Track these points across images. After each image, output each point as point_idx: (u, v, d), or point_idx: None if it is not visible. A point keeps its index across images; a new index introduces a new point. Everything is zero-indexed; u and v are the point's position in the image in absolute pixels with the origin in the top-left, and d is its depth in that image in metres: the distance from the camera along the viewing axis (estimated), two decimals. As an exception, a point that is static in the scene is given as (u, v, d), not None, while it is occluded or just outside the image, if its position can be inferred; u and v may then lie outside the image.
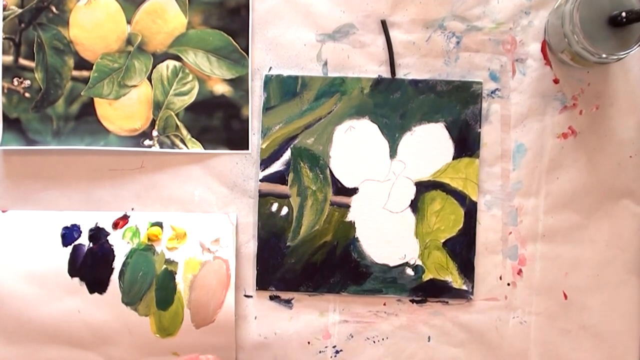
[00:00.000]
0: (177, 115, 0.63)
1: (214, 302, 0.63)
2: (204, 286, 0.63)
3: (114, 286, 0.63)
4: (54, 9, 0.63)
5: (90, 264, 0.63)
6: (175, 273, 0.63)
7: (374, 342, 0.64)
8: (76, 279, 0.63)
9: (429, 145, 0.63)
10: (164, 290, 0.63)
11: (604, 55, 0.55)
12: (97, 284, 0.63)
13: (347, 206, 0.63)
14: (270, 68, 0.63)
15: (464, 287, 0.63)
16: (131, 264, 0.63)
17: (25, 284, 0.63)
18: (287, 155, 0.63)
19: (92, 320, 0.63)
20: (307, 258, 0.63)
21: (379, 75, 0.63)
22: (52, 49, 0.63)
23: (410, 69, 0.63)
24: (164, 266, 0.63)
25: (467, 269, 0.63)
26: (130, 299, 0.63)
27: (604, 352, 0.63)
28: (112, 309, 0.63)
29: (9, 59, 0.63)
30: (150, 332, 0.63)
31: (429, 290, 0.63)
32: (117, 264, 0.63)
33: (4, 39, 0.63)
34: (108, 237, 0.63)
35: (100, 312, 0.63)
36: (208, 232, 0.63)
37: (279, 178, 0.63)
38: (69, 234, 0.63)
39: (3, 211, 0.63)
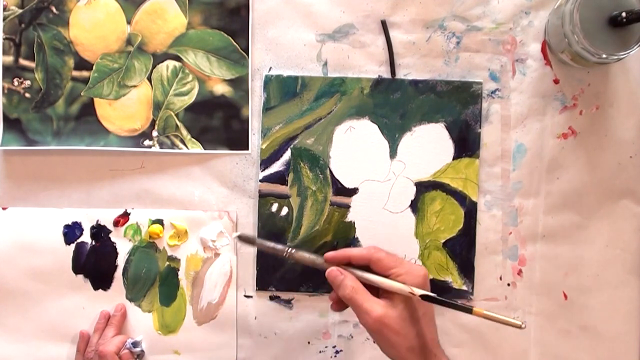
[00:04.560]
0: (177, 115, 0.63)
1: (215, 299, 0.64)
2: (206, 283, 0.63)
3: (118, 283, 0.64)
4: (54, 9, 0.63)
5: (94, 261, 0.64)
6: (178, 270, 0.64)
7: (374, 342, 0.64)
8: (80, 276, 0.64)
9: (429, 146, 0.63)
10: (168, 286, 0.64)
11: (604, 55, 0.55)
12: (101, 281, 0.64)
13: (347, 206, 0.63)
14: (270, 68, 0.63)
15: (464, 288, 0.63)
16: (134, 261, 0.64)
17: (29, 280, 0.63)
18: (287, 155, 0.63)
19: (96, 316, 0.63)
20: (307, 258, 0.63)
21: (379, 75, 0.63)
22: (52, 49, 0.63)
23: (410, 69, 0.63)
24: (167, 263, 0.64)
25: (467, 269, 0.63)
26: (134, 295, 0.64)
27: (604, 353, 0.63)
28: (116, 305, 0.63)
29: (9, 59, 0.63)
30: (153, 329, 0.63)
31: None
32: (121, 261, 0.64)
33: (4, 39, 0.63)
34: (110, 235, 0.64)
35: (104, 309, 0.63)
36: (209, 229, 0.63)
37: (279, 178, 0.63)
38: (71, 232, 0.63)
39: (3, 208, 0.64)
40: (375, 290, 0.52)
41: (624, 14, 0.54)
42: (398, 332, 0.50)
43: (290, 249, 0.54)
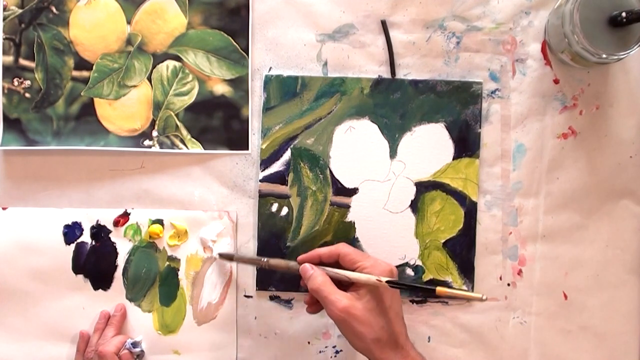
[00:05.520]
0: (177, 115, 0.63)
1: (215, 299, 0.64)
2: (206, 283, 0.63)
3: (118, 283, 0.64)
4: (54, 9, 0.63)
5: (94, 261, 0.63)
6: (178, 270, 0.64)
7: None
8: (80, 276, 0.64)
9: (429, 146, 0.63)
10: (167, 286, 0.64)
11: (604, 55, 0.55)
12: (101, 281, 0.64)
13: (347, 206, 0.63)
14: (270, 68, 0.63)
15: (464, 287, 0.63)
16: (134, 261, 0.63)
17: (29, 280, 0.63)
18: (287, 155, 0.63)
19: (96, 316, 0.63)
20: (307, 258, 0.63)
21: (379, 75, 0.63)
22: (52, 49, 0.63)
23: (410, 69, 0.63)
24: (167, 263, 0.64)
25: (467, 269, 0.63)
26: (134, 295, 0.64)
27: (604, 352, 0.63)
28: (116, 305, 0.63)
29: (9, 59, 0.63)
30: (153, 329, 0.63)
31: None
32: (121, 261, 0.64)
33: (4, 39, 0.63)
34: (110, 235, 0.64)
35: (104, 309, 0.63)
36: (209, 229, 0.63)
37: (279, 178, 0.63)
38: (71, 232, 0.63)
39: (3, 208, 0.64)
40: (345, 288, 0.54)
41: (624, 14, 0.54)
42: (363, 322, 0.51)
43: (265, 259, 0.59)
